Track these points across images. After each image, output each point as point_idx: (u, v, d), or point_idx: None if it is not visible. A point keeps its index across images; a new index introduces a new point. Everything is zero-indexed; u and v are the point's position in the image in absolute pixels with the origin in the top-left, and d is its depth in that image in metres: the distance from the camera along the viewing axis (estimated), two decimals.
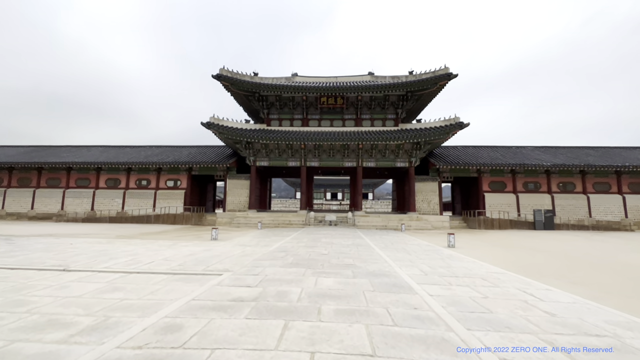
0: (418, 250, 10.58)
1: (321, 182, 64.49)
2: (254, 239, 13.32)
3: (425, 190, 26.43)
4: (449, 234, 12.27)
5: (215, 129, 24.53)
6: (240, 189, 27.17)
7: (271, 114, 28.14)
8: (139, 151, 30.01)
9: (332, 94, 26.06)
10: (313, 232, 17.19)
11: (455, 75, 24.09)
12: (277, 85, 25.45)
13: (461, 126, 23.43)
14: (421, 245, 11.96)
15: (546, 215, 23.92)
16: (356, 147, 25.86)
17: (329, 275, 6.02)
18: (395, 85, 24.85)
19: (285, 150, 26.65)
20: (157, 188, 27.71)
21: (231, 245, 11.06)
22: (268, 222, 23.38)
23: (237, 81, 25.41)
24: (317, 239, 13.23)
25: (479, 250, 11.40)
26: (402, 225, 20.92)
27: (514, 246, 13.02)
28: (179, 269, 6.49)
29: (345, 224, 23.00)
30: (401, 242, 12.98)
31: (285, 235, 15.25)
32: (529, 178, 26.47)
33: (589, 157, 27.04)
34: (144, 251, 8.98)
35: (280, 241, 12.50)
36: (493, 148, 29.69)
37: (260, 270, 6.40)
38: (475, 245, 13.14)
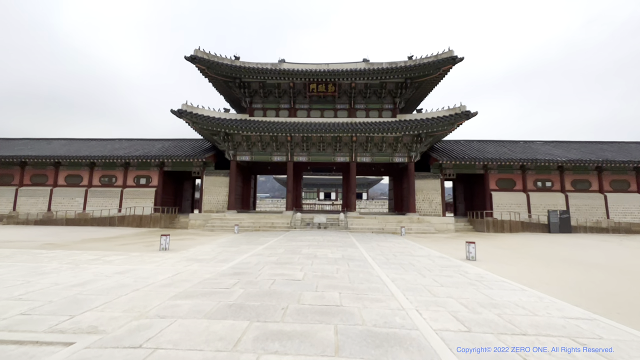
0: (432, 266, 7.70)
1: (314, 181, 61.55)
2: (216, 249, 10.29)
3: (426, 188, 23.66)
4: (468, 243, 9.42)
5: (188, 118, 21.37)
6: (218, 187, 24.05)
7: (254, 103, 25.06)
8: (106, 144, 26.64)
9: (323, 79, 23.12)
10: (296, 238, 14.21)
11: (460, 59, 21.36)
12: (260, 69, 22.41)
13: (468, 115, 20.70)
14: (433, 258, 9.09)
15: (562, 216, 21.33)
16: (349, 139, 22.95)
17: (287, 348, 3.04)
18: (393, 70, 22.01)
19: (269, 143, 23.60)
20: (124, 186, 24.41)
21: (176, 260, 8.03)
22: (247, 224, 20.31)
23: (215, 64, 22.29)
24: (296, 250, 10.26)
25: (511, 265, 8.57)
26: (401, 228, 18.08)
27: (548, 257, 10.23)
28: (17, 321, 3.48)
29: (337, 226, 20.08)
30: (406, 253, 10.10)
31: (260, 243, 12.25)
32: (540, 175, 23.88)
33: (605, 152, 24.58)
34: (25, 274, 5.90)
35: (248, 253, 9.50)
36: (499, 143, 27.07)
37: (155, 332, 3.37)
38: (499, 256, 10.32)
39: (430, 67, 21.81)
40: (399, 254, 9.78)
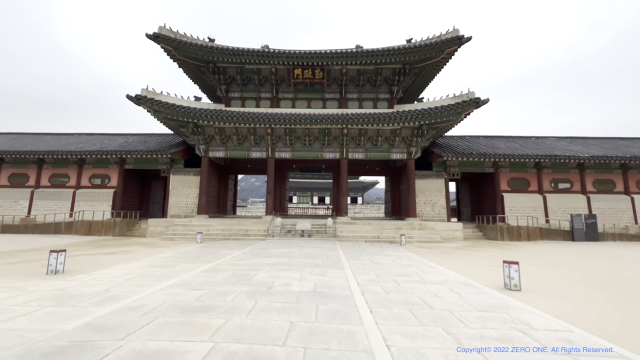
0: (462, 309, 4.46)
1: (307, 184, 58.26)
2: (135, 271, 6.94)
3: (428, 189, 20.52)
4: (508, 264, 6.20)
5: (148, 105, 18.06)
6: (188, 187, 20.66)
7: (231, 92, 21.82)
8: (60, 139, 23.15)
9: (310, 64, 19.97)
10: (264, 252, 10.90)
11: (468, 39, 18.42)
12: (237, 49, 19.21)
13: (477, 103, 17.69)
14: (456, 288, 5.85)
15: (587, 221, 18.30)
16: (340, 132, 19.79)
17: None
18: (390, 53, 18.95)
19: (246, 137, 20.33)
20: (78, 186, 20.90)
21: (23, 300, 4.69)
22: (216, 232, 16.92)
23: (184, 45, 19.03)
24: (249, 274, 6.97)
25: (584, 302, 5.36)
26: (401, 236, 14.86)
27: (616, 281, 7.05)
28: None
29: (324, 234, 16.80)
30: (413, 277, 6.85)
31: (209, 261, 8.91)
32: (557, 174, 20.90)
33: (629, 148, 21.74)
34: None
35: (173, 279, 6.17)
36: (509, 138, 24.12)
37: None
38: (545, 280, 7.12)
39: (432, 49, 18.82)
40: (402, 281, 6.52)
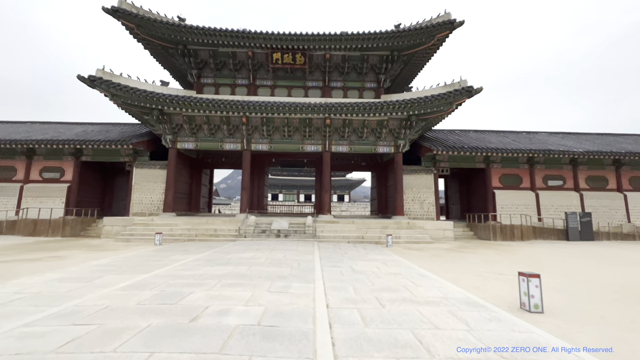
0: (475, 357, 2.89)
1: (294, 182, 56.34)
2: (34, 288, 5.07)
3: (416, 185, 19.17)
4: (524, 277, 4.72)
5: (104, 88, 15.88)
6: (153, 182, 18.58)
7: (204, 77, 19.79)
8: (7, 127, 20.55)
9: (290, 47, 18.18)
10: (225, 257, 9.15)
11: (460, 23, 17.08)
12: (209, 30, 17.21)
13: (470, 92, 16.39)
14: (459, 310, 4.30)
15: (583, 220, 17.37)
16: (322, 123, 18.13)
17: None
18: (377, 37, 17.39)
19: (219, 127, 18.40)
20: (27, 181, 18.47)
21: None
22: (181, 232, 14.99)
23: (147, 22, 16.88)
24: (184, 292, 5.24)
25: (614, 325, 3.90)
26: (387, 236, 13.39)
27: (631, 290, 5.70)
28: None
29: (302, 234, 15.13)
30: (401, 292, 5.28)
31: (149, 270, 7.11)
32: (550, 170, 19.94)
33: (623, 144, 21.03)
34: None
35: (60, 306, 4.37)
36: (500, 133, 23.10)
37: None
38: (565, 294, 5.70)
39: (422, 33, 17.38)
40: (388, 300, 4.93)
